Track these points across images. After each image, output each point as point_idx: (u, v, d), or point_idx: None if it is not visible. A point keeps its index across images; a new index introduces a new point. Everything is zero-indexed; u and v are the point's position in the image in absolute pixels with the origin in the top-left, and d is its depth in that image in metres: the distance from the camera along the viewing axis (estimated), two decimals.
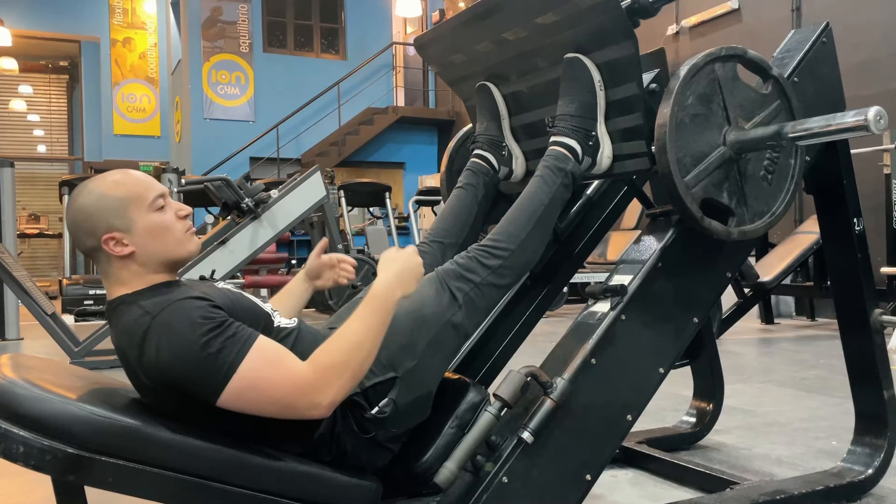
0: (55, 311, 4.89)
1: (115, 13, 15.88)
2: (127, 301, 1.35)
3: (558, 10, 1.71)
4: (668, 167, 1.57)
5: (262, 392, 1.25)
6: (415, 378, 1.45)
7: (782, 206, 1.72)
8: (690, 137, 1.61)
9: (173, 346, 1.25)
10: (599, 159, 1.77)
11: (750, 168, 1.69)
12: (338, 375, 1.28)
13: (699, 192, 1.61)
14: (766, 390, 3.72)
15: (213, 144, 12.52)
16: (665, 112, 1.58)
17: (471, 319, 1.59)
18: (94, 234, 1.36)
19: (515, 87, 2.00)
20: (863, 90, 6.08)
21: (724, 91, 1.65)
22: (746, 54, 1.68)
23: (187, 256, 1.43)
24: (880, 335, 2.10)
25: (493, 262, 1.62)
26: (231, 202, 5.48)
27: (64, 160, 18.44)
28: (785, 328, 6.39)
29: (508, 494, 1.44)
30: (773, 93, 1.71)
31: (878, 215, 5.47)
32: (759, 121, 1.68)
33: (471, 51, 2.01)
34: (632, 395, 1.63)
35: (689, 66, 1.61)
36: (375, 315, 1.35)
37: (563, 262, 2.24)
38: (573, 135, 1.74)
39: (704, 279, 1.78)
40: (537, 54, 1.86)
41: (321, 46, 13.96)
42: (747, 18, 7.77)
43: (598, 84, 1.74)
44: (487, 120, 2.05)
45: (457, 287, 1.57)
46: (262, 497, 1.30)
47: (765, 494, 1.94)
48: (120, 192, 1.37)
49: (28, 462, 1.16)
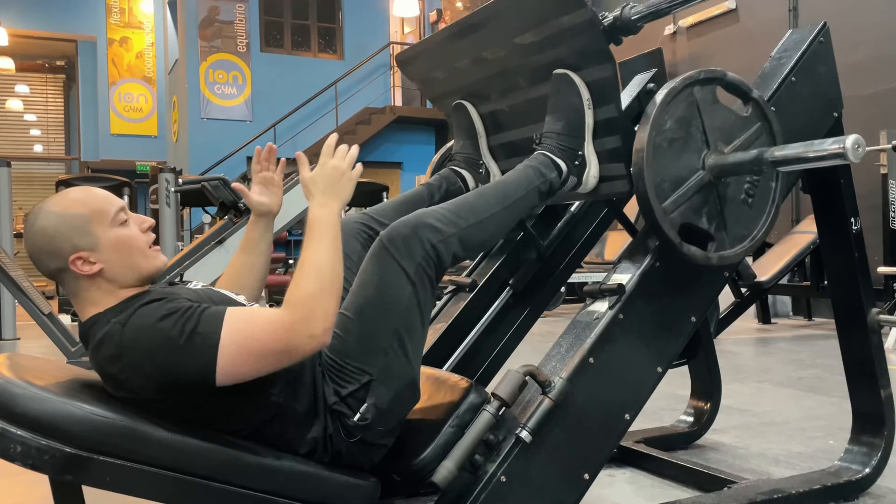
0: (52, 311, 4.89)
1: (111, 13, 15.86)
2: (99, 321, 1.33)
3: (537, 31, 1.69)
4: (645, 193, 1.54)
5: (254, 349, 1.25)
6: (391, 373, 1.41)
7: (763, 230, 1.69)
8: (669, 162, 1.58)
9: (151, 342, 1.25)
10: (586, 179, 1.74)
11: (730, 192, 1.65)
12: (317, 302, 1.27)
13: (677, 217, 1.58)
14: (763, 390, 3.72)
15: (210, 144, 12.52)
16: (642, 137, 1.55)
17: (425, 292, 1.46)
18: (59, 256, 1.33)
19: (495, 105, 1.97)
20: (860, 90, 6.09)
21: (704, 114, 1.62)
22: (726, 77, 1.65)
23: (154, 271, 1.41)
24: (877, 334, 2.11)
25: (448, 230, 1.48)
26: (228, 202, 5.48)
27: (61, 160, 18.41)
28: (782, 328, 6.40)
29: (506, 493, 1.44)
30: (753, 115, 1.68)
31: (875, 215, 5.49)
32: (740, 144, 1.65)
33: (451, 68, 1.99)
34: (630, 394, 1.63)
35: (668, 90, 1.58)
36: (324, 236, 1.33)
37: (547, 279, 2.22)
38: (559, 153, 1.70)
39: (702, 278, 1.78)
40: (517, 73, 1.84)
41: (318, 46, 13.95)
42: (744, 18, 7.79)
43: (586, 102, 1.70)
44: (464, 139, 2.03)
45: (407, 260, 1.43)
46: (260, 496, 1.30)
47: (762, 493, 1.94)
48: (81, 209, 1.34)
49: (26, 462, 1.16)
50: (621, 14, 1.76)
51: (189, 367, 1.25)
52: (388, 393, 1.40)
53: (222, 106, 13.01)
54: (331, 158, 1.41)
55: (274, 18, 13.53)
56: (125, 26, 16.01)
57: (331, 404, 1.38)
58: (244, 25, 13.17)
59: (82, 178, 8.45)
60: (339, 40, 14.02)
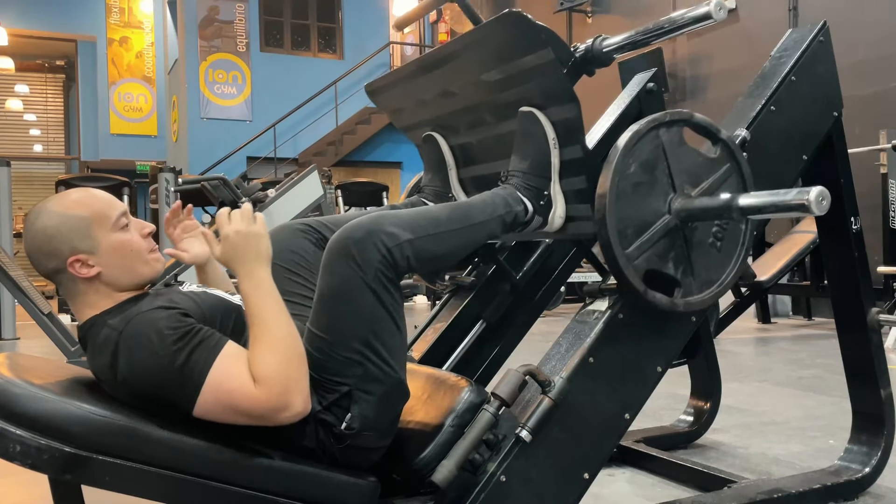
0: (52, 311, 4.88)
1: (111, 12, 15.86)
2: (97, 323, 1.33)
3: (502, 69, 1.66)
4: (608, 239, 1.48)
5: (231, 408, 1.25)
6: (371, 380, 1.38)
7: (732, 274, 1.63)
8: (633, 207, 1.52)
9: (143, 359, 1.25)
10: (551, 219, 1.69)
11: (697, 236, 1.58)
12: (287, 375, 1.25)
13: (642, 263, 1.52)
14: (763, 389, 3.72)
15: (210, 144, 12.52)
16: (605, 182, 1.50)
17: (389, 295, 1.39)
18: (58, 257, 1.32)
19: (464, 139, 1.93)
20: (859, 90, 6.10)
21: (670, 157, 1.56)
22: (692, 118, 1.60)
23: (152, 277, 1.40)
24: (877, 334, 2.11)
25: (404, 235, 1.41)
26: (228, 201, 5.48)
27: (60, 160, 18.41)
28: (782, 327, 6.40)
29: (506, 493, 1.44)
30: (722, 156, 1.62)
31: (875, 215, 5.49)
32: (707, 186, 1.59)
33: (420, 100, 1.96)
34: (630, 393, 1.63)
35: (631, 133, 1.53)
36: (264, 304, 1.30)
37: (520, 311, 2.20)
38: (525, 192, 1.65)
39: None
40: (484, 109, 1.80)
41: (318, 46, 13.95)
42: (744, 18, 7.79)
43: (552, 142, 1.64)
44: (433, 171, 1.99)
45: (364, 267, 1.36)
46: (259, 496, 1.30)
47: (762, 493, 1.94)
48: (83, 211, 1.34)
49: (25, 461, 1.16)
50: (592, 46, 1.74)
51: (171, 393, 1.25)
52: (372, 398, 1.39)
53: (222, 106, 13.01)
54: (228, 226, 1.34)
55: (274, 18, 13.53)
56: (125, 26, 16.01)
57: (316, 413, 1.36)
58: (244, 25, 13.17)
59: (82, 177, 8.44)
60: (339, 40, 14.02)
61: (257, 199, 5.40)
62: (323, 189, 5.92)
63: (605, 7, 9.96)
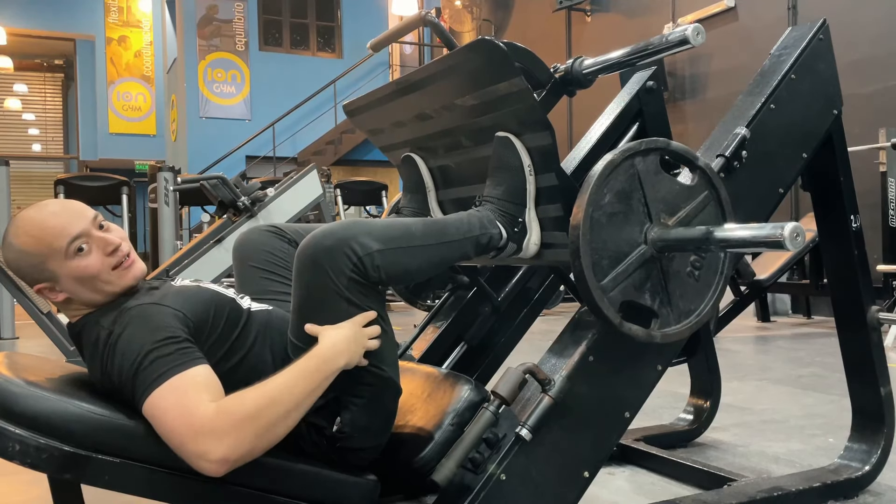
0: (50, 310, 4.88)
1: (110, 11, 15.85)
2: (90, 322, 1.34)
3: (476, 95, 1.64)
4: (581, 272, 1.45)
5: (161, 423, 1.20)
6: (358, 384, 1.37)
7: (710, 304, 1.59)
8: (607, 237, 1.49)
9: (126, 343, 1.25)
10: (526, 245, 1.65)
11: (674, 266, 1.54)
12: (239, 427, 1.18)
13: (617, 295, 1.49)
14: (762, 388, 3.73)
15: (209, 143, 12.52)
16: (578, 213, 1.46)
17: (366, 299, 1.38)
18: (29, 283, 1.36)
19: (443, 161, 1.91)
20: (859, 88, 6.10)
21: (645, 186, 1.52)
22: (669, 147, 1.56)
23: (128, 285, 1.39)
24: (877, 332, 2.10)
25: (374, 245, 1.36)
26: (227, 201, 5.47)
27: (59, 159, 18.41)
28: (781, 326, 6.40)
29: (506, 492, 1.44)
30: (699, 184, 1.59)
31: (875, 213, 5.49)
32: (685, 215, 1.56)
33: (397, 122, 1.94)
34: (629, 392, 1.63)
35: (606, 163, 1.49)
36: (309, 376, 1.28)
37: (502, 333, 2.18)
38: (499, 219, 1.62)
39: None
40: (461, 133, 1.78)
41: (317, 45, 13.95)
42: (743, 16, 7.79)
43: (527, 168, 1.61)
44: (412, 192, 1.96)
45: (336, 276, 1.34)
46: (259, 495, 1.29)
47: (762, 491, 1.94)
48: (33, 247, 1.32)
49: (24, 460, 1.16)
50: (572, 67, 1.70)
51: (128, 383, 1.24)
52: (361, 401, 1.38)
53: (221, 105, 13.01)
54: (360, 328, 1.35)
55: (272, 17, 13.53)
56: (123, 25, 16.00)
57: (306, 417, 1.34)
58: (243, 24, 13.16)
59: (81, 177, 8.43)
60: (338, 39, 14.01)
61: (256, 199, 5.39)
62: (322, 188, 5.91)
63: (604, 6, 9.95)
